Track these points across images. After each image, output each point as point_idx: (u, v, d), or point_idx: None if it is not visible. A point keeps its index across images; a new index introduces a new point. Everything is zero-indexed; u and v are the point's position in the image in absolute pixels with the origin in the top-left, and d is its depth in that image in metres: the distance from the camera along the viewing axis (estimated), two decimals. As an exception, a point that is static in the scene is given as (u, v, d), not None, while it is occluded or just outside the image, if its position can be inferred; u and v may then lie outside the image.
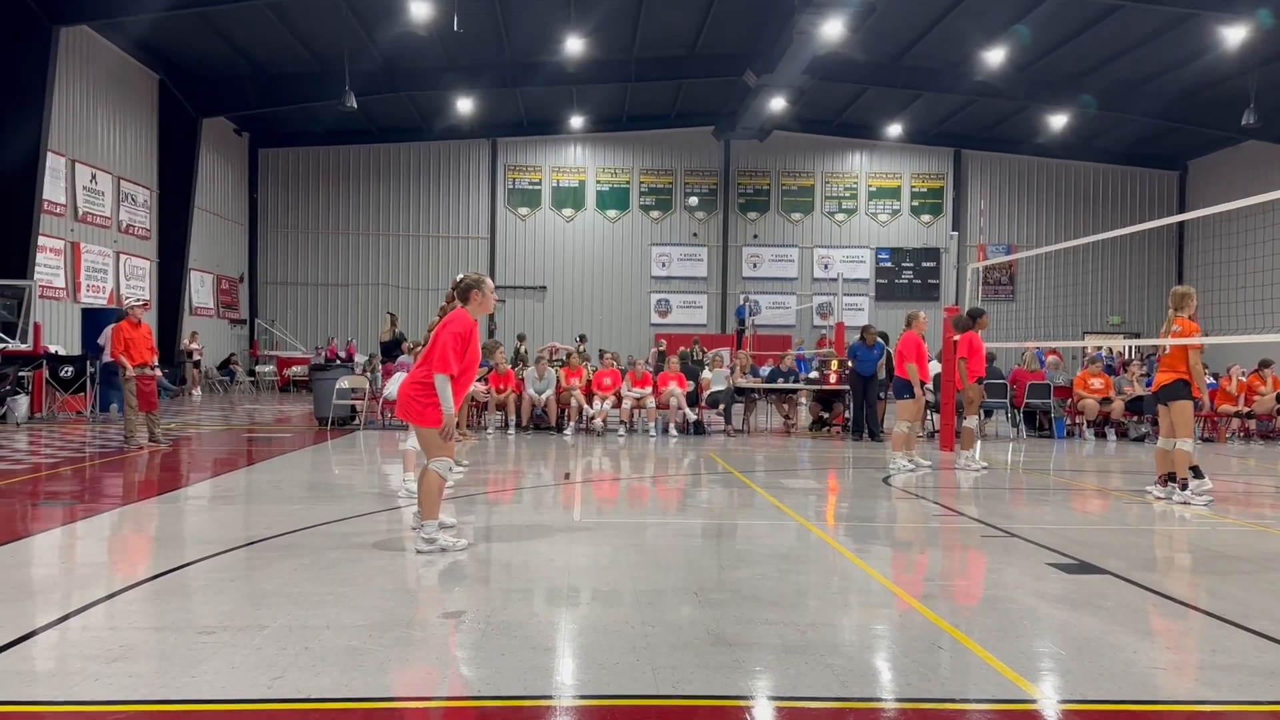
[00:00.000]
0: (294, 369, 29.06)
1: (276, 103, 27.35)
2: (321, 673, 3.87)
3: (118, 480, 9.83)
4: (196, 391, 25.55)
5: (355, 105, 23.85)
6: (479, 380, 15.41)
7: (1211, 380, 16.89)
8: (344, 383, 16.47)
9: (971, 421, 12.00)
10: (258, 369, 29.78)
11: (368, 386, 16.85)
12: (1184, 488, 9.04)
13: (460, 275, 6.60)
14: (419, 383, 6.34)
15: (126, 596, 5.07)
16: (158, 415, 12.80)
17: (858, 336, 16.20)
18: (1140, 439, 16.47)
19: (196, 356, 26.33)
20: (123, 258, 23.83)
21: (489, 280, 6.65)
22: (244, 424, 17.10)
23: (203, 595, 5.11)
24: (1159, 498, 9.22)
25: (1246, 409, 17.03)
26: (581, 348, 23.81)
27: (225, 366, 28.81)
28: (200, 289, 28.48)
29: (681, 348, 22.60)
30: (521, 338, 24.02)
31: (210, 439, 14.31)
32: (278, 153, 32.46)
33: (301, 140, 31.89)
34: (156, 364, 13.01)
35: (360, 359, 24.78)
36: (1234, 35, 21.38)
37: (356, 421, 16.55)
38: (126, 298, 22.74)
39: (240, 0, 20.45)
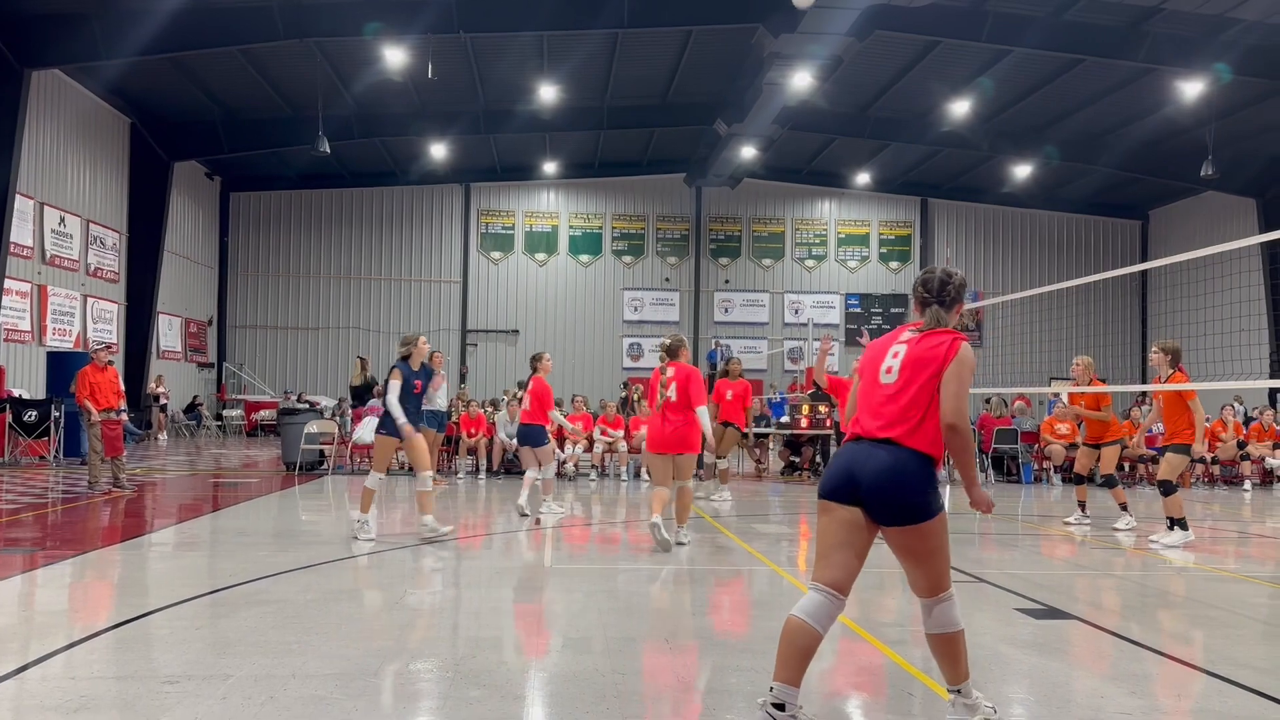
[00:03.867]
0: (262, 413, 28.74)
1: (249, 147, 27.34)
2: (287, 723, 3.81)
3: (80, 526, 9.67)
4: (162, 436, 25.22)
5: (328, 150, 23.83)
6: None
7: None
8: (312, 427, 16.33)
9: (723, 463, 13.03)
10: (225, 413, 29.45)
11: (336, 432, 16.72)
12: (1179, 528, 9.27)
13: (667, 339, 8.57)
14: (687, 420, 8.16)
15: (87, 645, 4.97)
16: (123, 460, 12.62)
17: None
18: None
19: (163, 400, 26.01)
20: (90, 301, 23.61)
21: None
22: (210, 469, 16.89)
23: (166, 644, 5.03)
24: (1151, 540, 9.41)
25: (1210, 455, 17.23)
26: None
27: (191, 410, 28.47)
28: (168, 332, 28.23)
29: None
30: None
31: (176, 484, 14.12)
32: (249, 196, 32.37)
33: (273, 184, 31.84)
34: (123, 408, 12.86)
35: (328, 403, 24.50)
36: (1192, 89, 21.96)
37: (325, 466, 16.40)
38: (93, 341, 22.49)
39: (213, 46, 20.49)
